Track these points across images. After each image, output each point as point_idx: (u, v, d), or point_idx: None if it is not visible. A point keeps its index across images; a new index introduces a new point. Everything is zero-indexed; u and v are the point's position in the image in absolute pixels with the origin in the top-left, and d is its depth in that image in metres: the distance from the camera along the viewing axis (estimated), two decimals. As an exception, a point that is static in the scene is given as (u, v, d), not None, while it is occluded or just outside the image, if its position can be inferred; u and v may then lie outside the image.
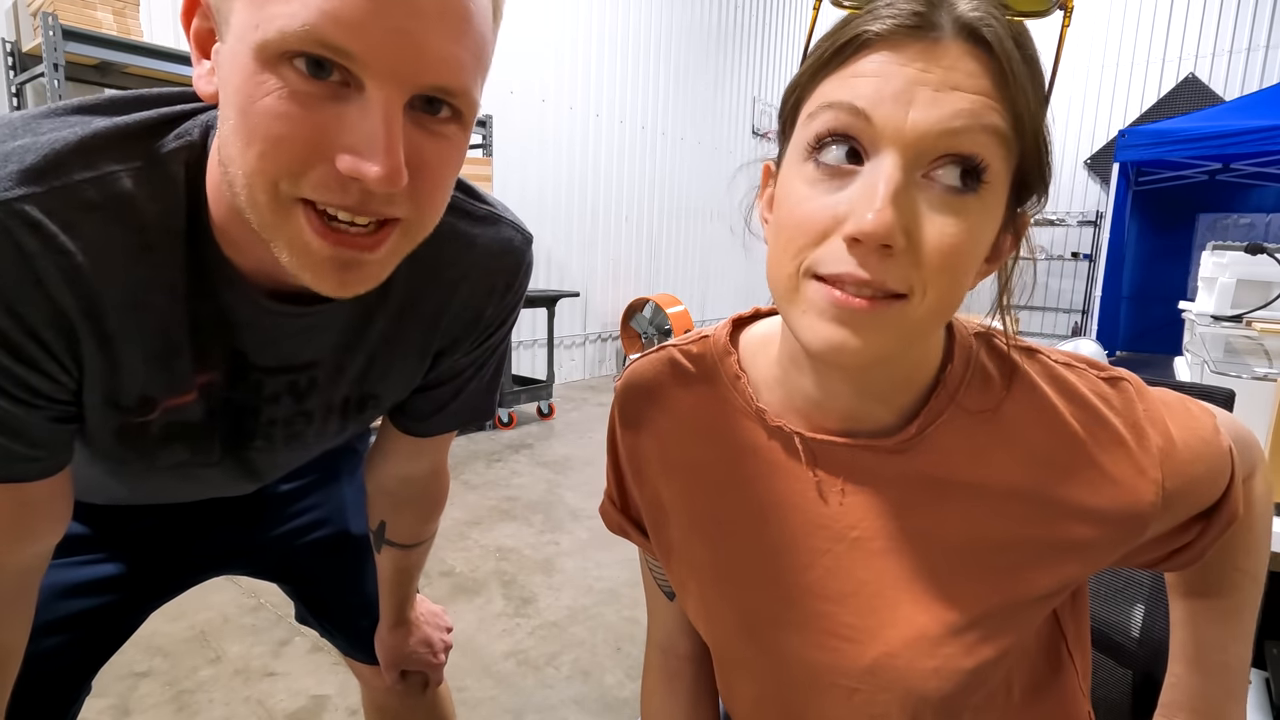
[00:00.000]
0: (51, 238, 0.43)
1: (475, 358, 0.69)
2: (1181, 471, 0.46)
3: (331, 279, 0.44)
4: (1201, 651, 0.56)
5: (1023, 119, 0.37)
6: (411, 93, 0.40)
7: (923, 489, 0.47)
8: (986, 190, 0.38)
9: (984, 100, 0.36)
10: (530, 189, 4.60)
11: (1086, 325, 5.64)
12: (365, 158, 0.39)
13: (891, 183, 0.36)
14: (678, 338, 0.57)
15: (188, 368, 0.53)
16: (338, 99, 0.39)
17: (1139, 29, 6.21)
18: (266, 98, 0.38)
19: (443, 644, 0.95)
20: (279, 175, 0.40)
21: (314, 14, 0.36)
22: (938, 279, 0.37)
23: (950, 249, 0.37)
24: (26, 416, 0.48)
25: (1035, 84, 0.38)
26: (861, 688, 0.48)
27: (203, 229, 0.49)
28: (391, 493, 0.81)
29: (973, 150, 0.36)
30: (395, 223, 0.44)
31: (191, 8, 0.44)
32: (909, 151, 0.36)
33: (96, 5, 2.38)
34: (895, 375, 0.47)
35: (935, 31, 0.36)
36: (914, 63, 0.36)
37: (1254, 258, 1.71)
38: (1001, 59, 0.36)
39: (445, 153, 0.44)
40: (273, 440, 0.65)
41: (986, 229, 0.39)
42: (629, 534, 0.62)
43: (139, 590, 0.80)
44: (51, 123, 0.46)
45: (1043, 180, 0.41)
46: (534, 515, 2.67)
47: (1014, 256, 0.44)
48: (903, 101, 0.36)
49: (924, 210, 0.37)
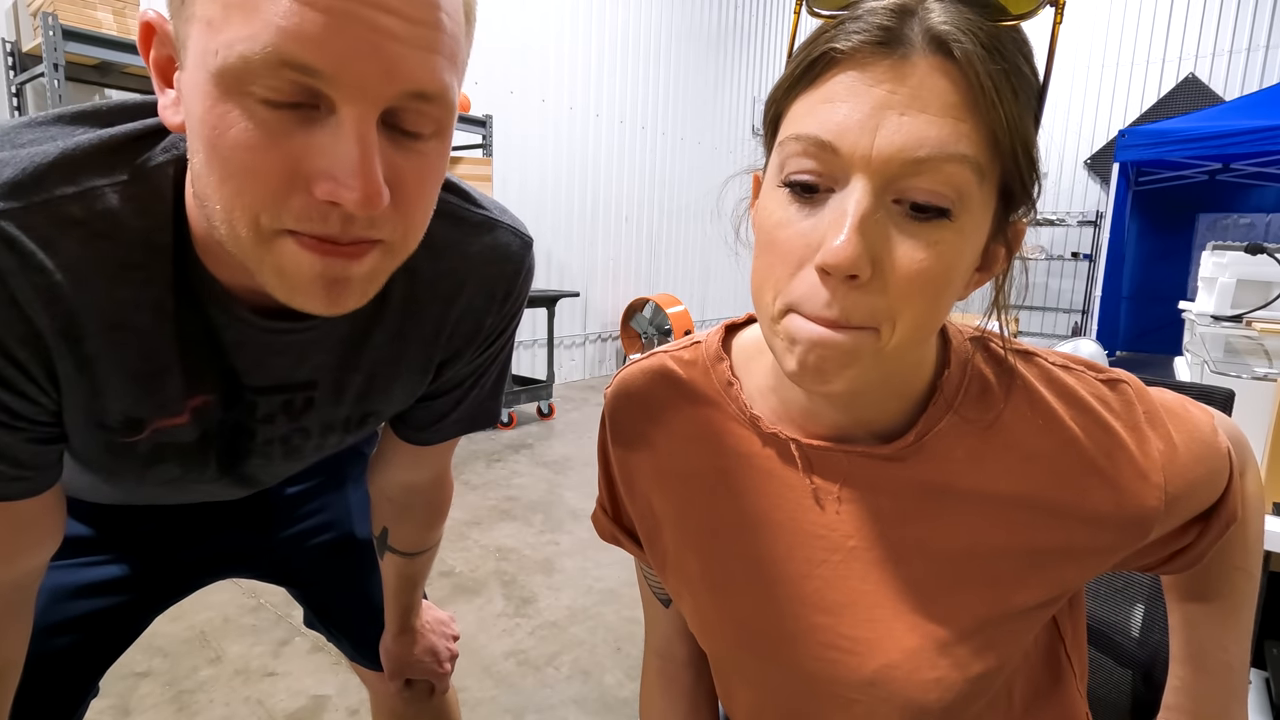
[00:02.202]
0: (29, 255, 0.41)
1: (477, 366, 0.67)
2: (1183, 475, 0.46)
3: (320, 298, 0.42)
4: (1203, 652, 0.56)
5: (999, 135, 0.35)
6: (385, 105, 0.38)
7: (921, 497, 0.46)
8: (962, 212, 0.36)
9: (952, 122, 0.35)
10: (530, 189, 4.60)
11: (1086, 325, 5.63)
12: (342, 182, 0.37)
13: (858, 210, 0.35)
14: (669, 344, 0.57)
15: (179, 389, 0.52)
16: (307, 122, 0.37)
17: (1139, 29, 6.20)
18: (232, 130, 0.36)
19: (448, 653, 0.93)
20: (258, 209, 0.38)
21: (274, 34, 0.34)
22: (907, 307, 0.37)
23: (920, 276, 0.36)
24: (8, 438, 0.47)
25: (1021, 93, 0.36)
26: (862, 699, 0.47)
27: (188, 246, 0.47)
28: (394, 500, 0.80)
29: (937, 185, 0.35)
30: (376, 242, 0.42)
31: (148, 34, 0.41)
32: (877, 178, 0.35)
33: (96, 5, 2.38)
34: (886, 387, 0.46)
35: (903, 47, 0.35)
36: (881, 83, 0.35)
37: (1254, 258, 1.71)
38: (971, 75, 0.35)
39: (423, 169, 0.42)
40: (270, 458, 0.63)
41: (965, 249, 0.38)
42: (622, 543, 0.61)
43: (146, 592, 0.79)
44: (32, 133, 0.44)
45: (1027, 193, 0.39)
46: (534, 515, 2.67)
47: (1006, 265, 0.43)
48: (869, 128, 0.35)
49: (895, 236, 0.36)
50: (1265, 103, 4.11)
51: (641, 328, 5.28)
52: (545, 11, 4.54)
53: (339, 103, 0.36)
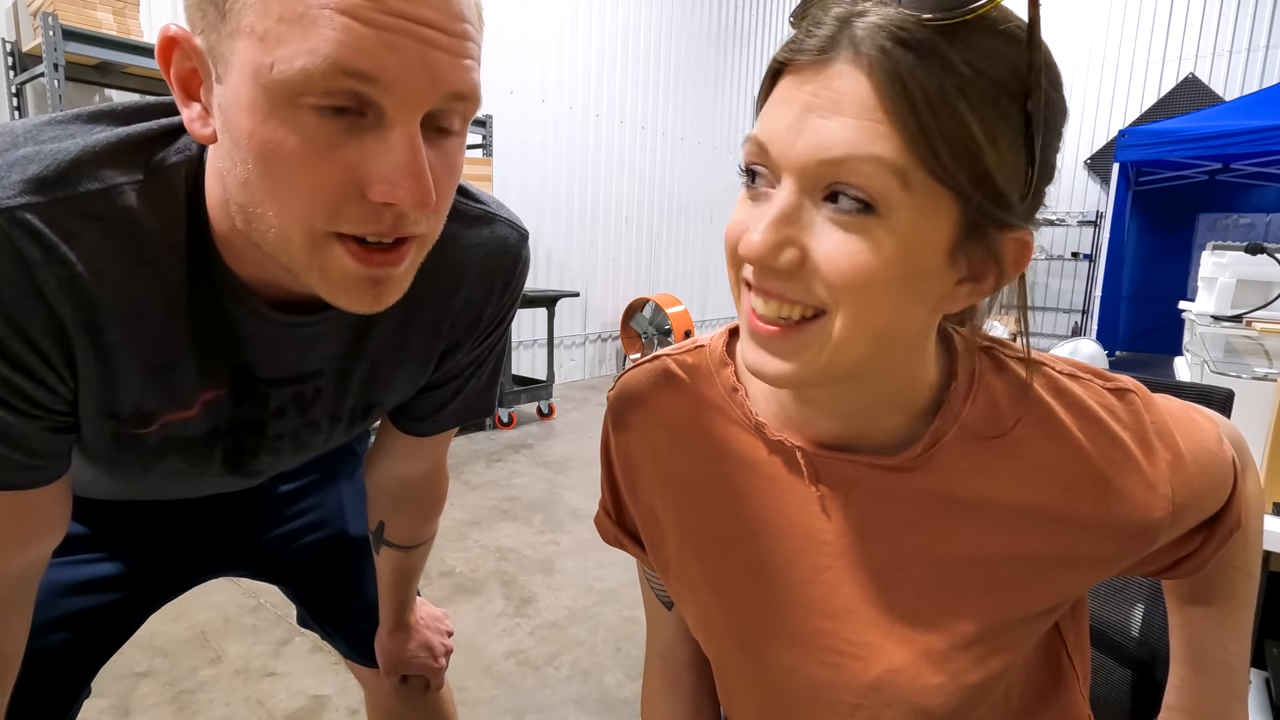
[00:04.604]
0: (53, 248, 0.43)
1: (476, 356, 0.69)
2: (1189, 485, 0.46)
3: (366, 297, 0.45)
4: (1203, 652, 0.56)
5: (931, 137, 0.34)
6: (428, 109, 0.40)
7: (927, 506, 0.46)
8: (891, 211, 0.36)
9: (869, 124, 0.35)
10: (530, 189, 4.60)
11: (1086, 325, 5.63)
12: (398, 183, 0.40)
13: (778, 207, 0.37)
14: (671, 347, 0.57)
15: (192, 383, 0.53)
16: (356, 130, 0.40)
17: (1139, 29, 6.20)
18: (287, 142, 0.39)
19: (443, 648, 0.95)
20: (314, 217, 0.41)
21: (333, 47, 0.36)
22: (844, 297, 0.37)
23: (846, 267, 0.37)
24: (24, 426, 0.48)
25: (970, 95, 0.34)
26: (865, 704, 0.47)
27: (205, 242, 0.49)
28: (390, 493, 0.81)
29: (857, 182, 0.35)
30: (414, 238, 0.45)
31: (169, 48, 0.42)
32: (800, 178, 0.37)
33: (96, 5, 2.38)
34: (873, 398, 0.46)
35: (831, 53, 0.36)
36: (807, 86, 0.37)
37: (1254, 258, 1.71)
38: (885, 78, 0.34)
39: (450, 163, 0.45)
40: (279, 453, 0.65)
41: (904, 248, 0.37)
42: (625, 545, 0.61)
43: (141, 589, 0.80)
44: (54, 131, 0.46)
45: (997, 201, 0.36)
46: (534, 515, 2.67)
47: (996, 281, 0.40)
48: (794, 130, 0.37)
49: (823, 230, 0.37)
50: (1265, 103, 4.11)
51: (641, 328, 5.28)
52: (545, 12, 4.54)
53: (389, 109, 0.39)
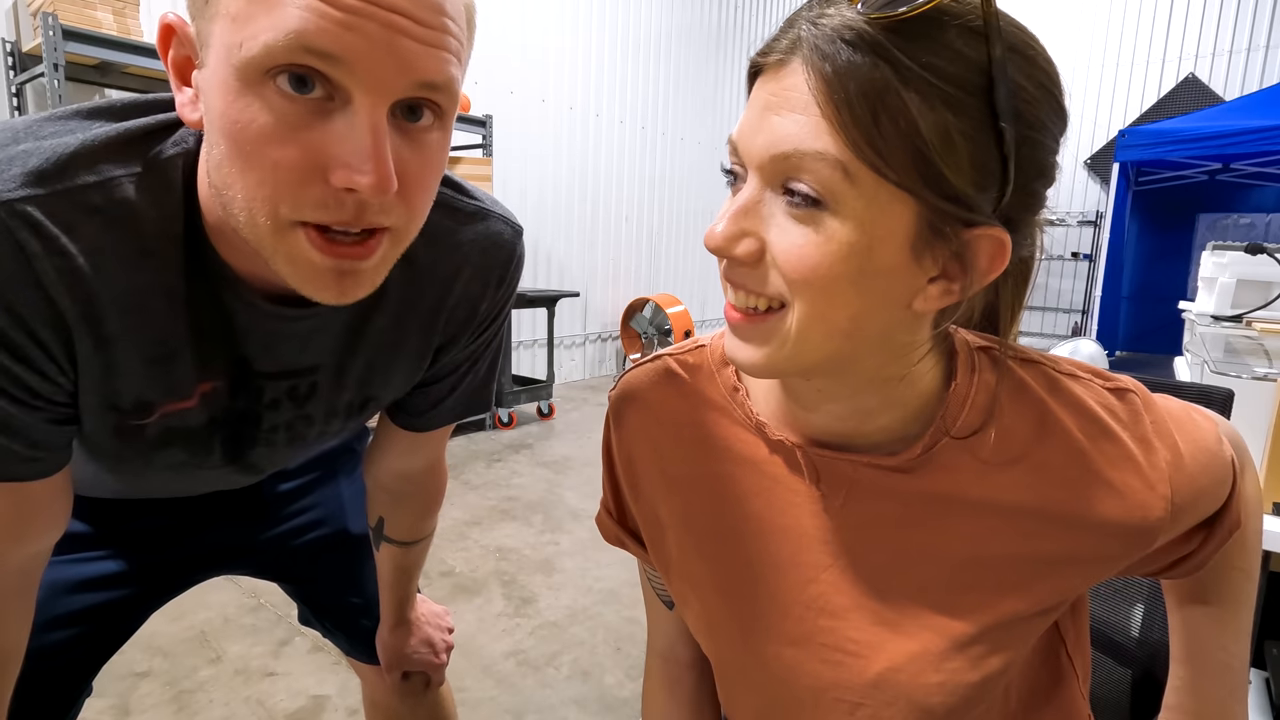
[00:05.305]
0: (52, 239, 0.43)
1: (472, 351, 0.70)
2: (1189, 485, 0.46)
3: (332, 288, 0.45)
4: (1203, 652, 0.56)
5: (859, 133, 0.34)
6: (397, 97, 0.40)
7: (927, 505, 0.47)
8: (840, 205, 0.36)
9: (814, 120, 0.35)
10: (530, 189, 4.60)
11: (1086, 325, 5.63)
12: (356, 168, 0.40)
13: (740, 200, 0.40)
14: (672, 346, 0.57)
15: (190, 374, 0.54)
16: (322, 113, 0.40)
17: (1139, 29, 6.20)
18: (254, 123, 0.39)
19: (444, 644, 0.95)
20: (279, 199, 0.41)
21: (296, 23, 0.37)
22: (799, 290, 0.39)
23: (796, 258, 0.38)
24: (26, 417, 0.49)
25: (927, 92, 0.34)
26: (865, 702, 0.47)
27: (200, 235, 0.50)
28: (389, 489, 0.81)
29: (806, 177, 0.36)
30: (384, 231, 0.45)
31: (168, 35, 0.43)
32: (759, 173, 0.39)
33: (96, 5, 2.38)
34: (863, 397, 0.46)
35: (792, 54, 0.37)
36: (768, 86, 0.38)
37: (1254, 258, 1.71)
38: (826, 75, 0.35)
39: (427, 158, 0.45)
40: (274, 445, 0.65)
41: (859, 242, 0.37)
42: (627, 545, 0.61)
43: (142, 587, 0.80)
44: (53, 126, 0.46)
45: (957, 201, 0.36)
46: (534, 515, 2.67)
47: (964, 280, 0.40)
48: (755, 128, 0.38)
49: (778, 223, 0.39)
50: (1265, 103, 4.11)
51: (641, 328, 5.28)
52: (545, 12, 4.54)
53: (355, 93, 0.39)
